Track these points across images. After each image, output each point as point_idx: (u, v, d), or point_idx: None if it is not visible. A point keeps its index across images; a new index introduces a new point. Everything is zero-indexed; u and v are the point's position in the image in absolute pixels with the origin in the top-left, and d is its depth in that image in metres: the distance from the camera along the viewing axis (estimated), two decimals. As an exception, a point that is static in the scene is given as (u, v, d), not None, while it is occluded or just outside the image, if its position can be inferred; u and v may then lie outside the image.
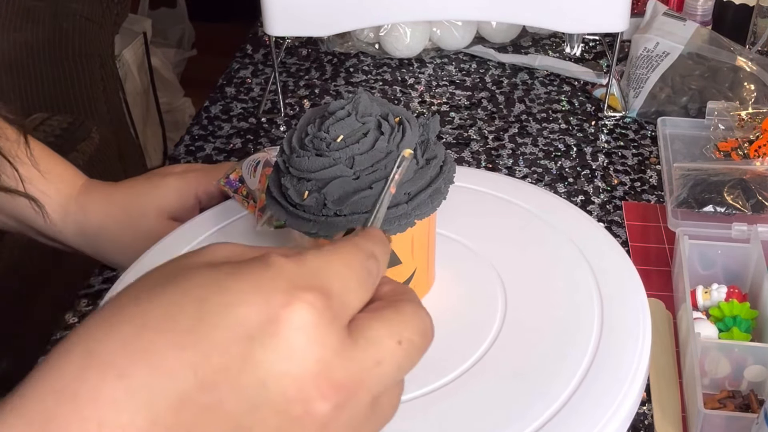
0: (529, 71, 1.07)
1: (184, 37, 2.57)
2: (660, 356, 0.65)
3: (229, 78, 1.08)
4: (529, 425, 0.48)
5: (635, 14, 1.04)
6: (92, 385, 0.28)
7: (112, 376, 0.28)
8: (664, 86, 0.95)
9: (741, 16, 1.06)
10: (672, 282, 0.74)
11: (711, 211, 0.74)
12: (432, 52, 1.10)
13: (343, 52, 1.11)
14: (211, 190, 0.69)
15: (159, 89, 2.03)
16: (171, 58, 2.34)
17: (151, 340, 0.29)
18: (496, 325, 0.55)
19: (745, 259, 0.70)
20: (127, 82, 1.81)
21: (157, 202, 0.68)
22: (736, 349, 0.60)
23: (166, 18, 2.50)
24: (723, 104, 0.88)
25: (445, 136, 0.94)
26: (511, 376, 0.51)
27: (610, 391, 0.50)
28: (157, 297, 0.30)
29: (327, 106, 0.53)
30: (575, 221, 0.65)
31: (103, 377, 0.28)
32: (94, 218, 0.69)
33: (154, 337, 0.29)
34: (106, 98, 1.55)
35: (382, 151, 0.50)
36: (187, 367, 0.28)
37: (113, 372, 0.28)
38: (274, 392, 0.29)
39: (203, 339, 0.29)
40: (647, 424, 0.60)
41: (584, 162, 0.90)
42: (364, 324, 0.32)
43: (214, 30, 2.55)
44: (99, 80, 1.53)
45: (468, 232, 0.63)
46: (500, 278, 0.59)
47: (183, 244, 0.65)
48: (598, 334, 0.54)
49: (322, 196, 0.50)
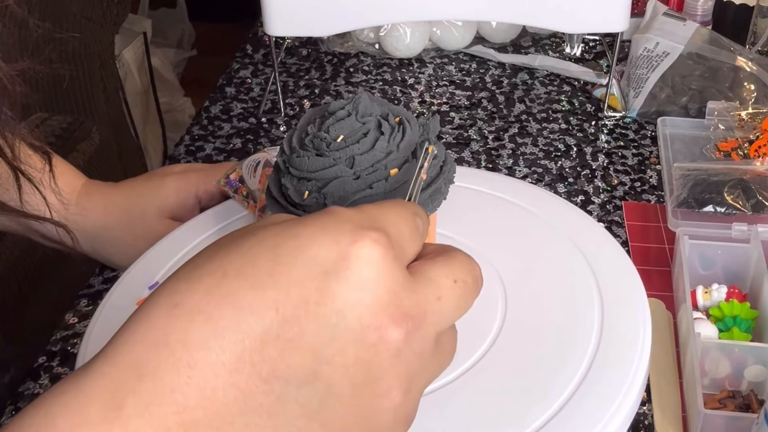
0: (529, 71, 1.07)
1: (184, 37, 2.57)
2: (660, 356, 0.65)
3: (229, 78, 1.08)
4: (529, 425, 0.48)
5: (635, 14, 1.04)
6: (181, 329, 0.30)
7: (199, 321, 0.30)
8: (664, 86, 0.95)
9: (741, 16, 1.06)
10: (672, 282, 0.74)
11: (711, 211, 0.74)
12: (432, 52, 1.10)
13: (343, 52, 1.11)
14: (211, 190, 0.69)
15: (159, 89, 2.03)
16: (171, 58, 2.34)
17: (233, 285, 0.31)
18: (496, 325, 0.55)
19: (745, 259, 0.70)
20: (127, 82, 1.81)
21: (156, 203, 0.69)
22: (736, 349, 0.60)
23: (166, 18, 2.50)
24: (723, 104, 0.88)
25: (445, 136, 0.94)
26: (511, 376, 0.51)
27: (610, 391, 0.50)
28: (235, 250, 0.32)
29: (327, 106, 0.53)
30: (575, 221, 0.65)
31: (191, 321, 0.30)
32: (94, 219, 0.69)
33: (235, 283, 0.31)
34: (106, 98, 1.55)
35: (382, 151, 0.50)
36: (270, 305, 0.30)
37: (201, 317, 0.30)
38: (350, 320, 0.31)
39: (281, 278, 0.31)
40: (647, 424, 0.60)
41: (584, 162, 0.90)
42: (422, 267, 0.34)
43: (214, 30, 2.55)
44: (99, 80, 1.53)
45: (468, 232, 0.63)
46: (500, 278, 0.59)
47: (183, 244, 0.65)
48: (598, 334, 0.54)
49: (322, 196, 0.50)
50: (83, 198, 0.69)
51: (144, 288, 0.60)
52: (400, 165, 0.50)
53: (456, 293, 0.35)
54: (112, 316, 0.58)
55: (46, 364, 0.67)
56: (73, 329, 0.70)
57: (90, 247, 0.70)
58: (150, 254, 0.64)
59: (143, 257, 0.64)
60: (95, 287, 0.74)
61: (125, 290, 0.61)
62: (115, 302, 0.60)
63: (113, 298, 0.60)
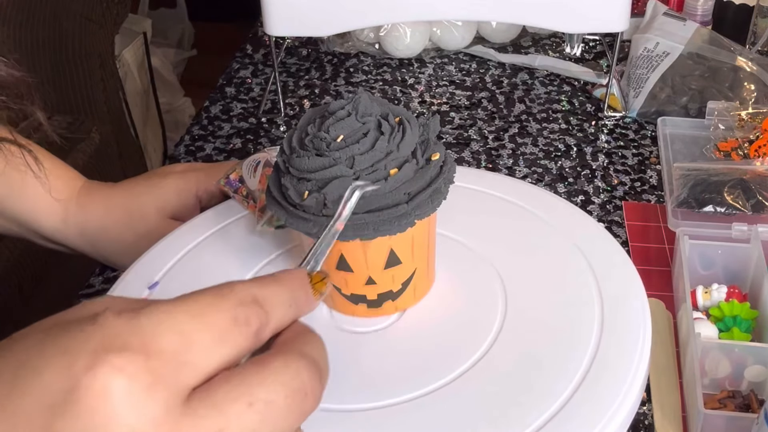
0: (529, 71, 1.07)
1: (184, 37, 2.57)
2: (660, 356, 0.65)
3: (229, 78, 1.08)
4: (529, 425, 0.48)
5: (635, 14, 1.04)
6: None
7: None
8: (664, 86, 0.94)
9: (741, 16, 1.07)
10: (672, 282, 0.74)
11: (711, 211, 0.74)
12: (432, 52, 1.10)
13: (343, 52, 1.11)
14: (212, 189, 0.69)
15: (159, 89, 2.03)
16: (171, 58, 2.34)
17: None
18: (495, 325, 0.55)
19: (745, 259, 0.70)
20: (127, 82, 1.81)
21: (157, 202, 0.68)
22: (736, 350, 0.60)
23: (166, 18, 2.50)
24: (723, 104, 0.88)
25: (445, 136, 0.94)
26: (511, 376, 0.51)
27: (610, 391, 0.50)
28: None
29: (327, 106, 0.53)
30: (575, 221, 0.65)
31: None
32: (94, 219, 0.68)
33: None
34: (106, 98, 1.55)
35: (382, 151, 0.50)
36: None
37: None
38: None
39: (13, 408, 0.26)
40: (647, 424, 0.60)
41: (584, 162, 0.90)
42: (212, 387, 0.28)
43: (214, 30, 2.55)
44: (99, 80, 1.53)
45: (468, 232, 0.63)
46: (500, 278, 0.59)
47: (183, 244, 0.65)
48: (598, 334, 0.54)
49: (322, 196, 0.50)
50: (83, 198, 0.69)
51: (144, 288, 0.60)
52: (400, 165, 0.50)
53: (250, 420, 0.28)
54: (112, 316, 0.58)
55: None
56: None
57: (91, 247, 0.69)
58: (150, 254, 0.64)
59: (143, 257, 0.64)
60: (96, 287, 0.74)
61: (125, 290, 0.61)
62: (115, 302, 0.60)
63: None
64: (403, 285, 0.55)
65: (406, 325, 0.56)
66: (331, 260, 0.53)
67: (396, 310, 0.57)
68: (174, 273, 0.62)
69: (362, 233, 0.50)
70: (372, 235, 0.50)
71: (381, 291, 0.55)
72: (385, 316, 0.57)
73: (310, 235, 0.50)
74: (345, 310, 0.57)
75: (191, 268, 0.63)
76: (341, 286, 0.55)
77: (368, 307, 0.56)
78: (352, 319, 0.57)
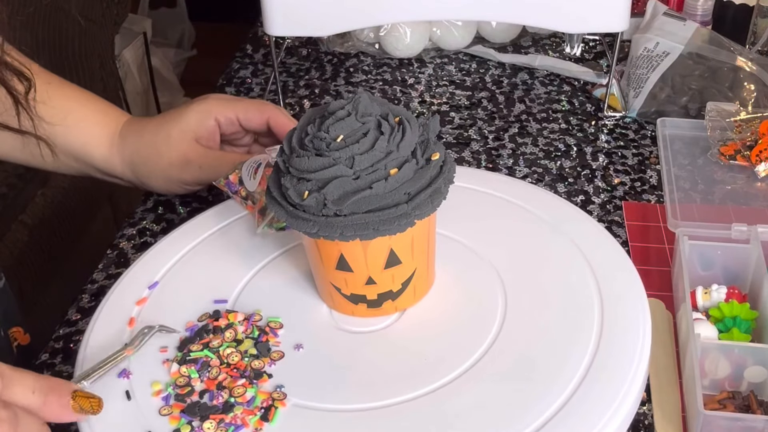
0: (529, 71, 1.07)
1: (184, 37, 2.57)
2: (660, 356, 0.65)
3: (229, 78, 1.08)
4: (529, 425, 0.48)
5: (635, 14, 1.04)
6: None
7: None
8: (664, 86, 0.94)
9: (741, 16, 1.06)
10: (672, 282, 0.74)
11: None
12: (432, 52, 1.10)
13: (343, 52, 1.11)
14: (229, 115, 0.76)
15: (159, 89, 2.03)
16: (171, 58, 2.34)
17: None
18: (495, 325, 0.55)
19: (745, 260, 0.70)
20: (127, 82, 1.81)
21: (179, 125, 0.75)
22: (736, 350, 0.60)
23: (166, 18, 2.50)
24: (719, 107, 0.88)
25: (445, 136, 0.94)
26: (511, 376, 0.51)
27: (610, 391, 0.50)
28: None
29: (327, 106, 0.53)
30: (575, 221, 0.65)
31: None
32: (130, 145, 0.77)
33: None
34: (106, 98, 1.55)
35: (382, 151, 0.50)
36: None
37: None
38: None
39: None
40: (647, 424, 0.60)
41: (584, 162, 0.90)
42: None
43: (214, 30, 2.55)
44: (99, 80, 1.53)
45: (468, 232, 0.63)
46: (500, 278, 0.59)
47: (183, 244, 0.65)
48: (598, 334, 0.54)
49: (322, 196, 0.50)
50: (125, 129, 0.78)
51: (144, 288, 0.60)
52: (400, 165, 0.50)
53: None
54: (112, 316, 0.59)
55: (48, 361, 0.67)
56: (76, 326, 0.70)
57: (131, 173, 0.78)
58: (150, 254, 0.64)
59: (143, 257, 0.64)
60: (98, 282, 0.74)
61: (125, 290, 0.61)
62: (116, 301, 0.60)
63: (113, 297, 0.60)
64: (403, 285, 0.55)
65: (406, 325, 0.56)
66: (331, 260, 0.53)
67: (396, 310, 0.57)
68: (174, 273, 0.62)
69: (362, 233, 0.50)
70: (372, 235, 0.50)
71: (381, 291, 0.55)
72: (385, 316, 0.57)
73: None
74: (345, 310, 0.57)
75: (191, 268, 0.63)
76: (341, 286, 0.55)
77: (368, 307, 0.56)
78: (352, 319, 0.57)
